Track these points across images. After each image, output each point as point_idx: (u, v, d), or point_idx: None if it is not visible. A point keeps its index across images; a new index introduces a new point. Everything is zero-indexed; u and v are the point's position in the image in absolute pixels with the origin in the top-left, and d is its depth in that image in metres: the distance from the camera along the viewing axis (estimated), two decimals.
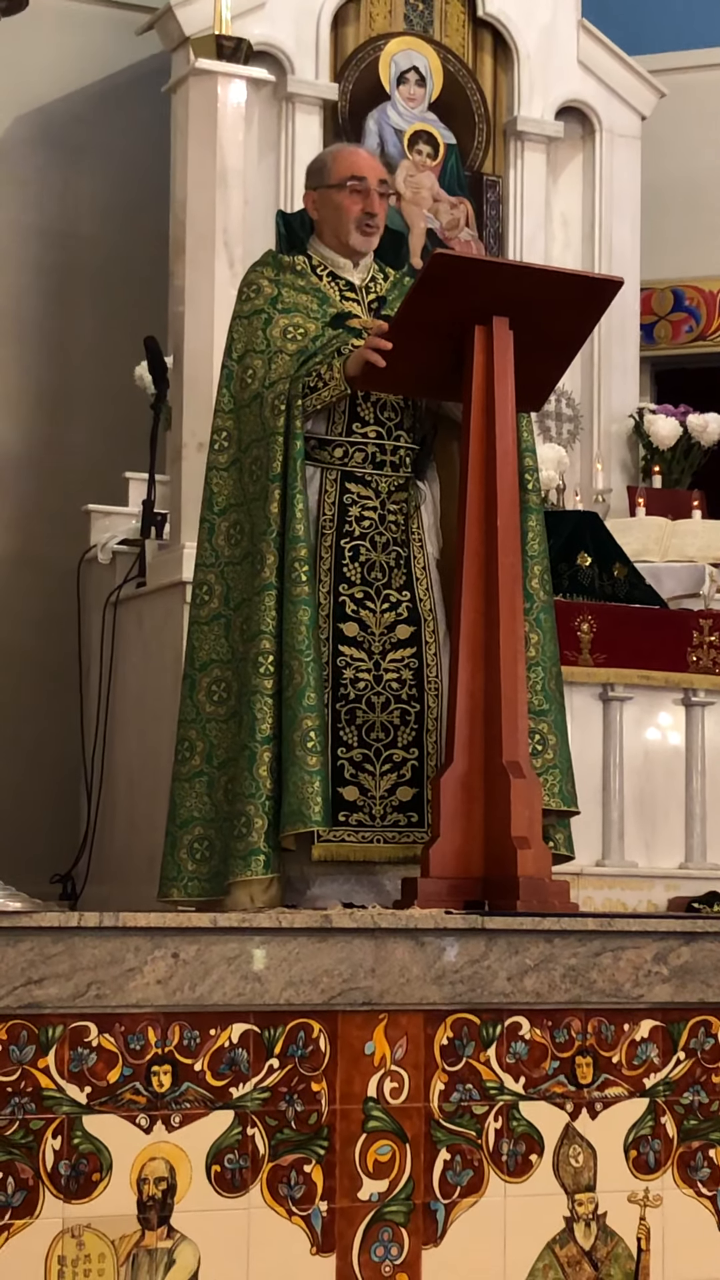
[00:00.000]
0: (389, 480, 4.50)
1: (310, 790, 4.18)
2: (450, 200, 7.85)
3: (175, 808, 4.47)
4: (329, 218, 4.63)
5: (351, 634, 4.42)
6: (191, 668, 4.51)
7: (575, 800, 4.48)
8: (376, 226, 4.63)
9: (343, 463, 4.48)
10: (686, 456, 8.13)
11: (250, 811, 4.23)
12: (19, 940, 3.31)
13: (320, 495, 4.45)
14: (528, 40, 8.02)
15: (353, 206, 4.60)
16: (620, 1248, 3.79)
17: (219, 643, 4.48)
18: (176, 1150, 3.42)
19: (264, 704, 4.25)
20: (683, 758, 6.43)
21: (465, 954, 3.67)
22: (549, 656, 4.45)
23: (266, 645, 4.27)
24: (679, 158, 8.61)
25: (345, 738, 4.38)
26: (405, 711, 4.43)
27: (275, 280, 4.58)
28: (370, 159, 4.73)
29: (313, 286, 4.58)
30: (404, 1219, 3.60)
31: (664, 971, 3.85)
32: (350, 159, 4.66)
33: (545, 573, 4.51)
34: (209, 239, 6.00)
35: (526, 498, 4.44)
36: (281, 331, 4.49)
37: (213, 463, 4.56)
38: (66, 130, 7.88)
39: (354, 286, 4.63)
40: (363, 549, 4.45)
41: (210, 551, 4.53)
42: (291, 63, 7.53)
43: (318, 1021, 3.55)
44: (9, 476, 7.57)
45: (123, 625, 6.43)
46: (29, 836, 6.87)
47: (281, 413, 4.35)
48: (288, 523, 4.30)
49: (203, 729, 4.46)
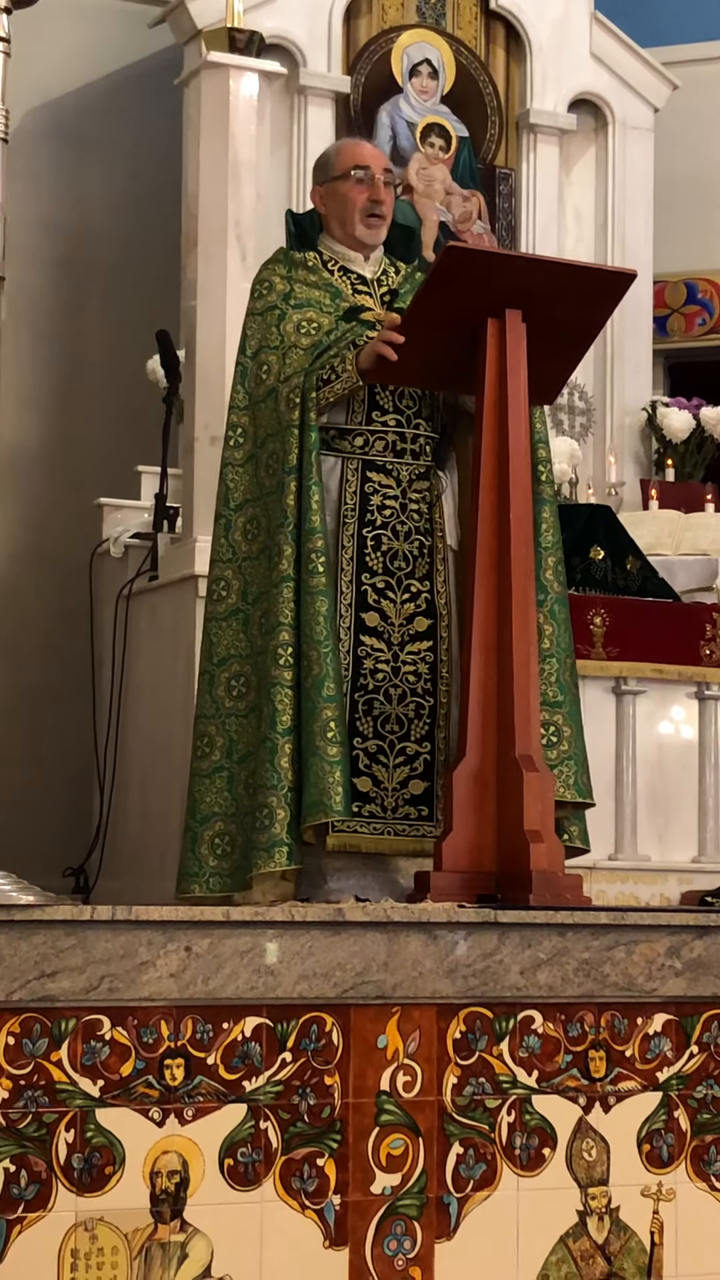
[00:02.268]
0: (410, 468, 4.50)
1: (331, 780, 4.18)
2: (462, 193, 7.84)
3: (195, 803, 4.47)
4: (335, 210, 4.64)
5: (372, 624, 4.43)
6: (209, 663, 4.50)
7: (591, 792, 4.47)
8: (383, 216, 4.63)
9: (363, 451, 4.48)
10: (700, 450, 8.11)
11: (273, 803, 4.23)
12: (32, 934, 3.31)
13: (341, 484, 4.46)
14: (540, 32, 8.00)
15: (358, 196, 4.61)
16: (633, 1241, 3.79)
17: (237, 637, 4.47)
18: (189, 1144, 3.42)
19: (284, 695, 4.26)
20: (696, 751, 6.42)
21: (478, 948, 3.67)
22: (563, 648, 4.45)
23: (285, 637, 4.28)
24: (692, 150, 8.59)
25: (362, 729, 4.39)
26: (420, 705, 4.43)
27: (287, 276, 4.58)
28: (374, 149, 4.76)
29: (325, 281, 4.58)
30: (417, 1212, 3.60)
31: (677, 965, 3.85)
32: (353, 150, 4.69)
33: (559, 564, 4.51)
34: (221, 232, 6.00)
35: (540, 489, 4.44)
36: (295, 326, 4.49)
37: (228, 459, 4.57)
38: (78, 124, 7.87)
39: (366, 280, 4.63)
40: (384, 538, 4.46)
41: (227, 547, 4.53)
42: (304, 55, 7.51)
43: (330, 1015, 3.55)
44: (21, 470, 7.57)
45: (135, 619, 6.43)
46: (42, 830, 6.87)
47: (296, 406, 4.35)
48: (304, 514, 4.31)
49: (222, 724, 4.46)
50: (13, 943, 3.29)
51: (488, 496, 4.22)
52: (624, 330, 8.02)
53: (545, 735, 4.32)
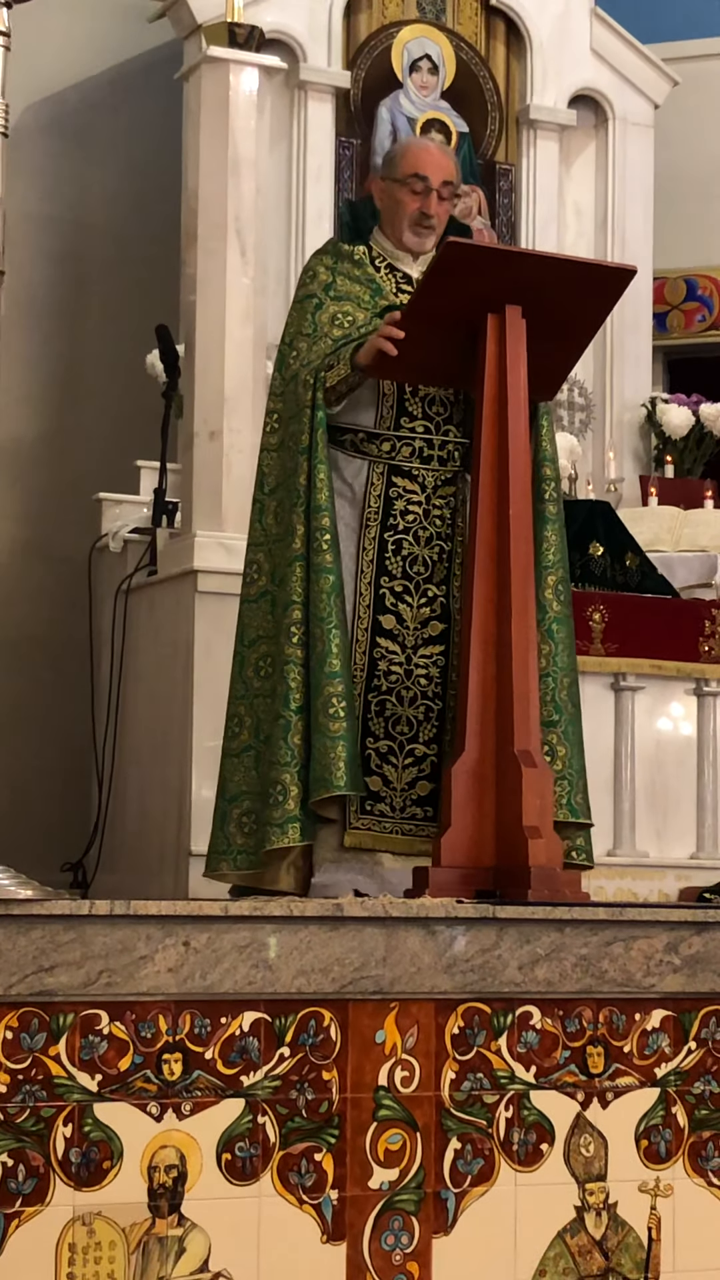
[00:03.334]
0: (436, 475, 4.50)
1: (332, 755, 4.18)
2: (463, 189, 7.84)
3: (224, 783, 4.48)
4: (388, 210, 4.60)
5: (389, 626, 4.43)
6: (241, 645, 4.52)
7: (588, 812, 4.43)
8: (432, 228, 4.56)
9: (390, 456, 4.48)
10: (699, 446, 8.11)
11: (285, 780, 4.24)
12: (30, 928, 3.31)
13: (366, 487, 4.46)
14: (540, 28, 8.00)
15: (410, 204, 4.54)
16: (631, 1237, 3.79)
17: (265, 619, 4.48)
18: (187, 1138, 3.42)
19: (295, 673, 4.27)
20: (694, 748, 6.43)
21: (476, 943, 3.67)
22: (561, 668, 4.41)
23: (297, 615, 4.29)
24: (692, 146, 8.59)
25: (374, 729, 4.40)
26: (429, 708, 4.44)
27: (332, 268, 4.58)
28: (439, 158, 4.61)
29: (368, 277, 4.57)
30: (415, 1208, 3.60)
31: (675, 961, 3.85)
32: (417, 156, 4.58)
33: (560, 583, 4.47)
34: (221, 227, 6.00)
35: (544, 508, 4.44)
36: (330, 317, 4.49)
37: (264, 444, 4.59)
38: (78, 119, 7.87)
39: (411, 280, 4.59)
40: (405, 543, 4.46)
41: (260, 531, 4.54)
42: (304, 50, 7.51)
43: (329, 1010, 3.55)
44: (20, 465, 7.57)
45: (134, 614, 6.43)
46: (40, 825, 6.88)
47: (310, 387, 4.37)
48: (311, 493, 4.32)
49: (251, 704, 4.46)
50: (11, 937, 3.29)
51: (487, 494, 4.21)
52: (624, 326, 8.02)
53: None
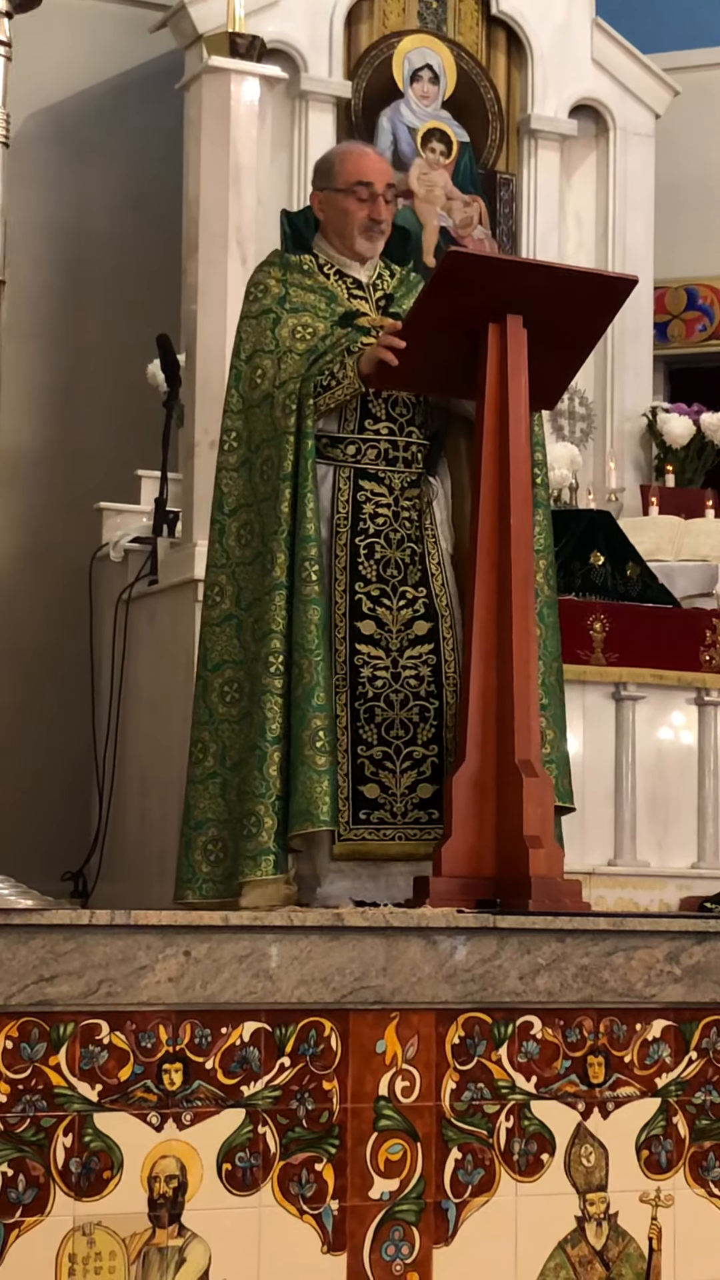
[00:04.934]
0: (402, 476, 4.50)
1: (319, 790, 4.18)
2: (463, 198, 7.84)
3: (189, 810, 4.47)
4: (334, 221, 4.61)
5: (368, 632, 4.42)
6: (204, 669, 4.50)
7: (571, 797, 4.49)
8: (382, 232, 4.61)
9: (355, 460, 4.47)
10: (700, 455, 8.11)
11: (260, 811, 4.22)
12: (30, 938, 3.30)
13: (334, 493, 4.45)
14: (541, 38, 8.01)
15: (358, 212, 4.57)
16: (632, 1248, 3.79)
17: (231, 643, 4.47)
18: (187, 1148, 3.42)
19: (274, 703, 4.25)
20: (695, 757, 6.42)
21: (477, 953, 3.67)
22: (550, 652, 4.45)
23: (276, 645, 4.27)
24: (693, 156, 8.59)
25: (365, 736, 4.38)
26: (424, 708, 4.43)
27: (282, 280, 4.57)
28: (378, 162, 4.66)
29: (320, 285, 4.57)
30: (415, 1218, 3.59)
31: (676, 971, 3.84)
32: (357, 163, 4.61)
33: (550, 568, 4.51)
34: (222, 237, 6.00)
35: (534, 492, 4.44)
36: (290, 331, 4.48)
37: (223, 463, 4.56)
38: (79, 128, 7.87)
39: (361, 284, 4.62)
40: (378, 546, 4.45)
41: (221, 552, 4.52)
42: (305, 60, 7.52)
43: (329, 1020, 3.54)
44: (21, 474, 7.57)
45: (134, 623, 6.43)
46: (40, 834, 6.87)
47: (293, 412, 4.34)
48: (299, 522, 4.30)
49: (216, 730, 4.45)
50: (11, 947, 3.29)
51: (488, 502, 4.22)
52: (624, 336, 8.02)
53: None
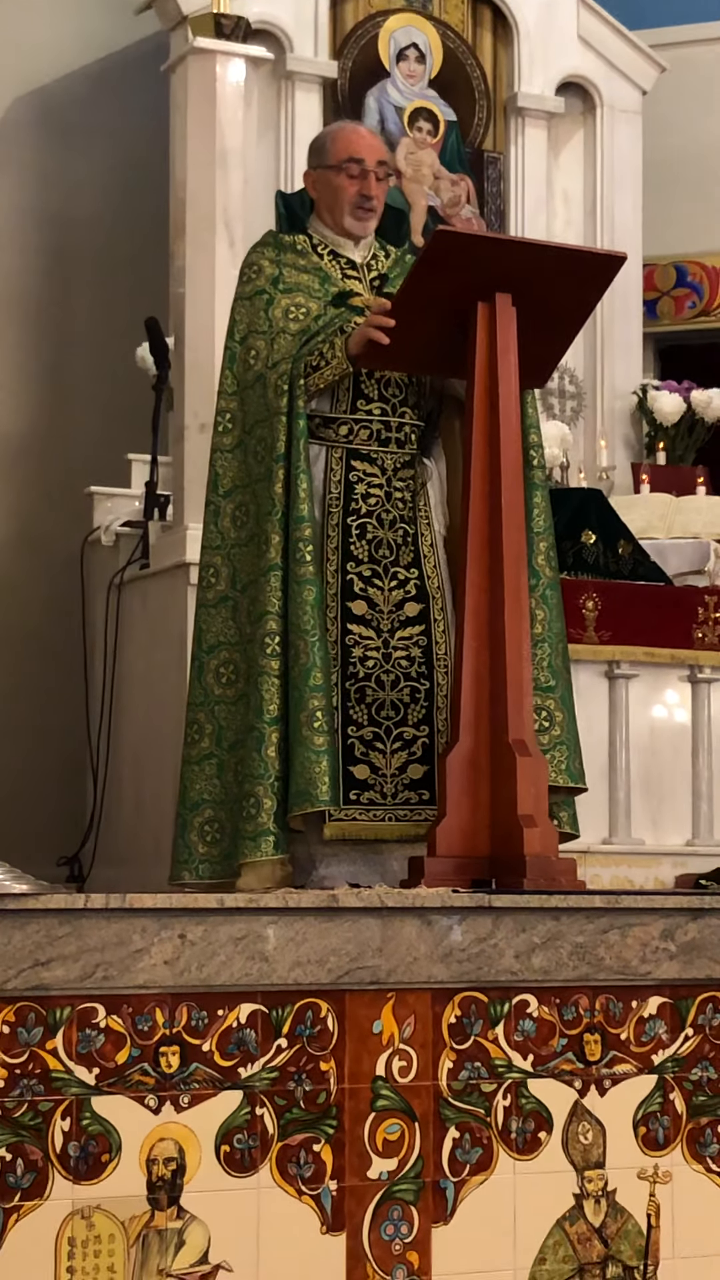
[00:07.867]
0: (394, 457, 4.49)
1: (318, 770, 4.18)
2: (451, 177, 7.83)
3: (185, 790, 4.47)
4: (326, 198, 4.61)
5: (360, 612, 4.41)
6: (199, 650, 4.50)
7: (583, 777, 4.47)
8: (373, 210, 4.60)
9: (348, 440, 4.47)
10: (690, 433, 8.10)
11: (259, 792, 4.22)
12: (26, 922, 3.30)
13: (326, 473, 4.45)
14: (527, 16, 7.98)
15: (349, 189, 4.57)
16: (630, 1224, 3.80)
17: (226, 625, 4.47)
18: (185, 1131, 3.42)
19: (271, 685, 4.25)
20: (689, 735, 6.43)
21: (472, 932, 3.67)
22: (555, 633, 4.45)
23: (272, 626, 4.27)
24: (680, 133, 8.58)
25: (355, 716, 4.37)
26: (415, 689, 4.43)
27: (276, 260, 4.56)
28: (370, 139, 4.67)
29: (314, 265, 4.56)
30: (414, 1197, 3.60)
31: (671, 948, 3.85)
32: (349, 140, 4.61)
33: (551, 549, 4.50)
34: (209, 219, 5.99)
35: (531, 474, 4.43)
36: (284, 312, 4.47)
37: (217, 445, 4.55)
38: (65, 111, 7.85)
39: (355, 265, 4.61)
40: (369, 526, 4.45)
41: (216, 534, 4.52)
42: (290, 40, 7.49)
43: (325, 1001, 3.55)
44: (11, 459, 7.56)
45: (126, 607, 6.42)
46: (35, 819, 6.87)
47: (284, 393, 4.34)
48: (292, 503, 4.29)
49: (211, 711, 4.45)
50: (7, 931, 3.29)
51: (479, 481, 4.21)
52: (614, 314, 8.01)
53: (538, 720, 4.32)
